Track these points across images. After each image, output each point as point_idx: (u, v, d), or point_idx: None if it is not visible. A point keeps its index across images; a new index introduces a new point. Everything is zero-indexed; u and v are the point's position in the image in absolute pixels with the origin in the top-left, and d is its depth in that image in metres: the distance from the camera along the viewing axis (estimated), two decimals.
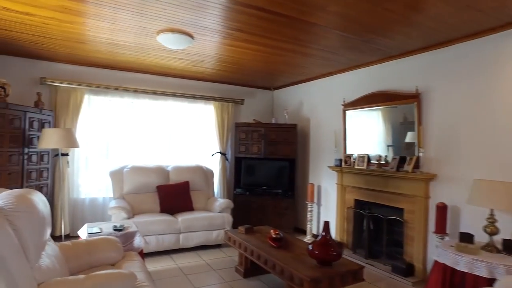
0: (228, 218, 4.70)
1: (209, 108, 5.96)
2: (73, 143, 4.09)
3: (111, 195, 5.05)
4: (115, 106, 5.26)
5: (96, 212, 5.11)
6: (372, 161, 4.35)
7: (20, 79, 4.51)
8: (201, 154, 5.93)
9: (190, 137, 5.84)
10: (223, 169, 5.96)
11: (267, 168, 5.65)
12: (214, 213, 4.76)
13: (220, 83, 6.05)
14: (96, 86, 4.97)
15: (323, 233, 2.88)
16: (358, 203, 4.59)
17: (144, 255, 3.24)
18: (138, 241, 3.06)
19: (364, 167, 4.38)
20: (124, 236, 2.98)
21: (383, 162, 4.20)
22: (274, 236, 3.38)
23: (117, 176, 4.79)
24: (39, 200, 2.10)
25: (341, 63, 4.55)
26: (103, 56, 4.53)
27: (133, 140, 5.40)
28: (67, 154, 4.78)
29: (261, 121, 5.97)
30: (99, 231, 2.98)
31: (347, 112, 4.82)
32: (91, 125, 5.09)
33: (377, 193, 4.24)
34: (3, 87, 3.86)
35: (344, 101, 4.84)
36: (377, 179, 4.21)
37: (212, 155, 5.96)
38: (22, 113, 3.93)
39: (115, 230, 3.05)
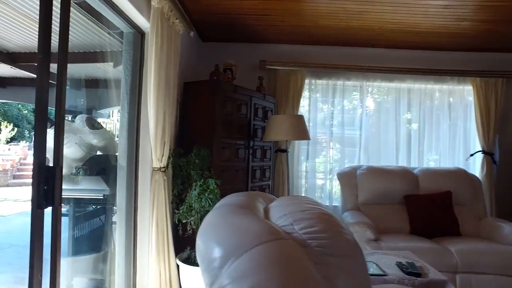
0: None
1: (464, 89, 4.16)
2: (304, 134, 3.16)
3: (337, 203, 4.00)
4: (340, 91, 4.18)
5: None
6: None
7: (240, 64, 3.98)
8: (451, 153, 4.20)
9: (435, 129, 4.20)
10: (488, 175, 4.01)
11: None
12: (506, 246, 2.96)
13: (482, 51, 4.14)
14: (318, 67, 4.01)
15: None
16: None
17: None
18: None
19: None
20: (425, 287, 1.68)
21: None
22: None
23: (348, 179, 3.65)
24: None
25: None
26: (328, 22, 3.48)
27: (361, 133, 4.19)
28: (286, 151, 3.97)
29: None
30: (380, 272, 1.76)
31: None
32: (311, 114, 4.17)
33: None
34: (230, 69, 3.30)
35: None
36: None
37: (471, 155, 4.11)
38: (248, 98, 3.26)
39: (406, 272, 1.77)
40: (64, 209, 2.69)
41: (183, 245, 2.60)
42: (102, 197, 2.58)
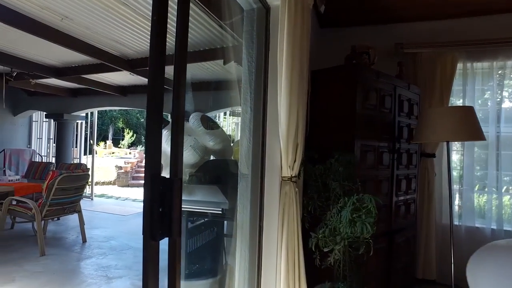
0: None
1: None
2: (477, 133, 2.29)
3: (509, 227, 2.98)
4: (509, 75, 3.13)
5: (471, 250, 3.14)
6: None
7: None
8: None
9: None
10: None
11: None
12: None
13: None
14: (477, 44, 3.04)
15: None
16: None
17: None
18: None
19: None
20: None
21: None
22: None
23: None
24: None
25: None
26: None
27: None
28: (433, 155, 3.10)
29: None
30: None
31: None
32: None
33: None
34: (367, 53, 2.62)
35: None
36: None
37: None
38: (392, 88, 2.53)
39: None
40: None
41: (319, 278, 2.01)
42: (220, 212, 2.15)
